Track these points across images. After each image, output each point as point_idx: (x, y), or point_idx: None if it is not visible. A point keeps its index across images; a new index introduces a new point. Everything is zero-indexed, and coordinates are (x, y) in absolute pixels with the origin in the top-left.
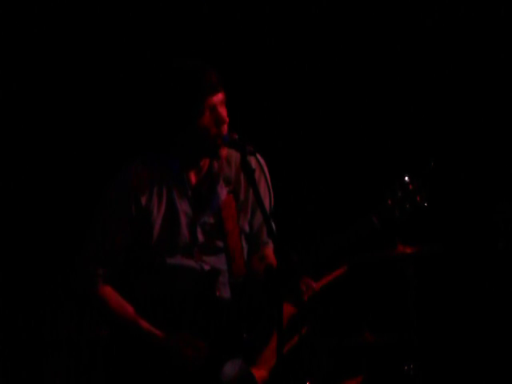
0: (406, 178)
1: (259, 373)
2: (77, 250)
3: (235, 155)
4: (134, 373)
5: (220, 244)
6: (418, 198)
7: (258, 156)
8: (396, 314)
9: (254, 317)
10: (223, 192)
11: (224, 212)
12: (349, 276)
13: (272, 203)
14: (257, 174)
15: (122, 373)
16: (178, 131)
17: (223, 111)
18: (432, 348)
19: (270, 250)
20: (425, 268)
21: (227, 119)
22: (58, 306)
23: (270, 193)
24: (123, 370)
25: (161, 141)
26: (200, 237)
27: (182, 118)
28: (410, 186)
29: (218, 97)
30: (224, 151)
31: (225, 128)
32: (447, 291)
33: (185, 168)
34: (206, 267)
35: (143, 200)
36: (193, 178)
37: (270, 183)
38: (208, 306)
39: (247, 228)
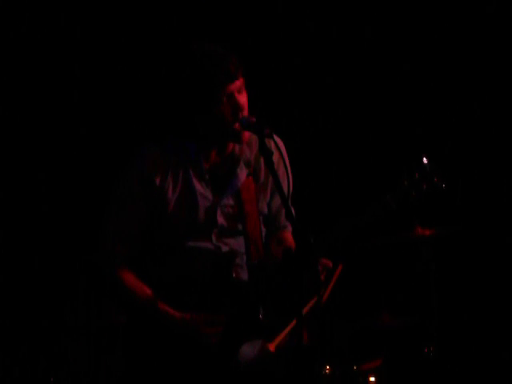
0: (424, 159)
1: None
2: (95, 233)
3: (255, 138)
4: (152, 357)
5: (239, 226)
6: (436, 179)
7: (277, 138)
8: (415, 297)
9: (271, 298)
10: (243, 174)
11: (243, 194)
12: (369, 259)
13: (291, 186)
14: (275, 156)
15: (140, 357)
16: (195, 117)
17: (241, 98)
18: (452, 330)
19: (288, 233)
20: (444, 250)
21: (245, 106)
22: (77, 292)
23: (288, 176)
24: (142, 354)
25: (178, 125)
26: (220, 219)
27: (199, 105)
28: (428, 167)
29: (236, 84)
30: (246, 135)
31: (243, 114)
32: (467, 273)
33: (203, 151)
34: (224, 249)
35: (157, 180)
36: (212, 160)
37: (288, 166)
38: (224, 287)
39: (266, 210)
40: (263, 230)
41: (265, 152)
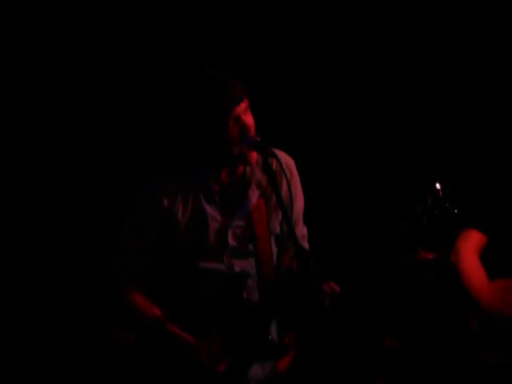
0: (437, 185)
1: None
2: (105, 254)
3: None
4: (158, 376)
5: (251, 247)
6: (448, 205)
7: (287, 158)
8: (417, 320)
9: (282, 319)
10: (254, 196)
11: (254, 215)
12: (371, 281)
13: (302, 205)
14: (278, 176)
15: (146, 376)
16: (204, 142)
17: (248, 119)
18: (452, 353)
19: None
20: (446, 274)
21: (252, 126)
22: (82, 310)
23: (295, 195)
24: (148, 372)
25: (188, 149)
26: (231, 241)
27: (208, 130)
28: (441, 193)
29: (241, 106)
30: (253, 156)
31: (250, 134)
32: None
33: (213, 174)
34: (236, 269)
35: (166, 203)
36: (222, 182)
37: (298, 185)
38: (235, 307)
39: (278, 229)
40: (275, 250)
41: (268, 171)
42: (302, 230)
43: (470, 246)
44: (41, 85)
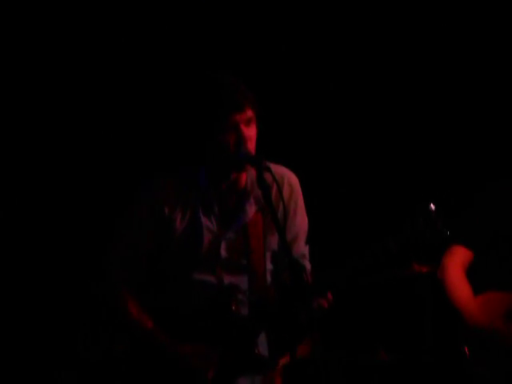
0: (431, 206)
1: None
2: (98, 259)
3: (268, 175)
4: None
5: (243, 262)
6: (440, 227)
7: (292, 176)
8: (412, 334)
9: (270, 333)
10: (252, 210)
11: (250, 230)
12: (365, 295)
13: (298, 221)
14: (287, 193)
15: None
16: (200, 145)
17: (247, 131)
18: (447, 367)
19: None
20: (440, 287)
21: (251, 139)
22: (74, 320)
23: (285, 209)
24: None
25: (188, 155)
26: (223, 252)
27: (203, 132)
28: (433, 214)
29: (243, 116)
30: (248, 167)
31: (247, 147)
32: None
33: (213, 183)
34: (226, 282)
35: (166, 210)
36: (223, 193)
37: (293, 202)
38: (223, 319)
39: (275, 245)
40: (270, 267)
41: (261, 185)
42: (302, 249)
43: (456, 261)
44: (40, 87)
